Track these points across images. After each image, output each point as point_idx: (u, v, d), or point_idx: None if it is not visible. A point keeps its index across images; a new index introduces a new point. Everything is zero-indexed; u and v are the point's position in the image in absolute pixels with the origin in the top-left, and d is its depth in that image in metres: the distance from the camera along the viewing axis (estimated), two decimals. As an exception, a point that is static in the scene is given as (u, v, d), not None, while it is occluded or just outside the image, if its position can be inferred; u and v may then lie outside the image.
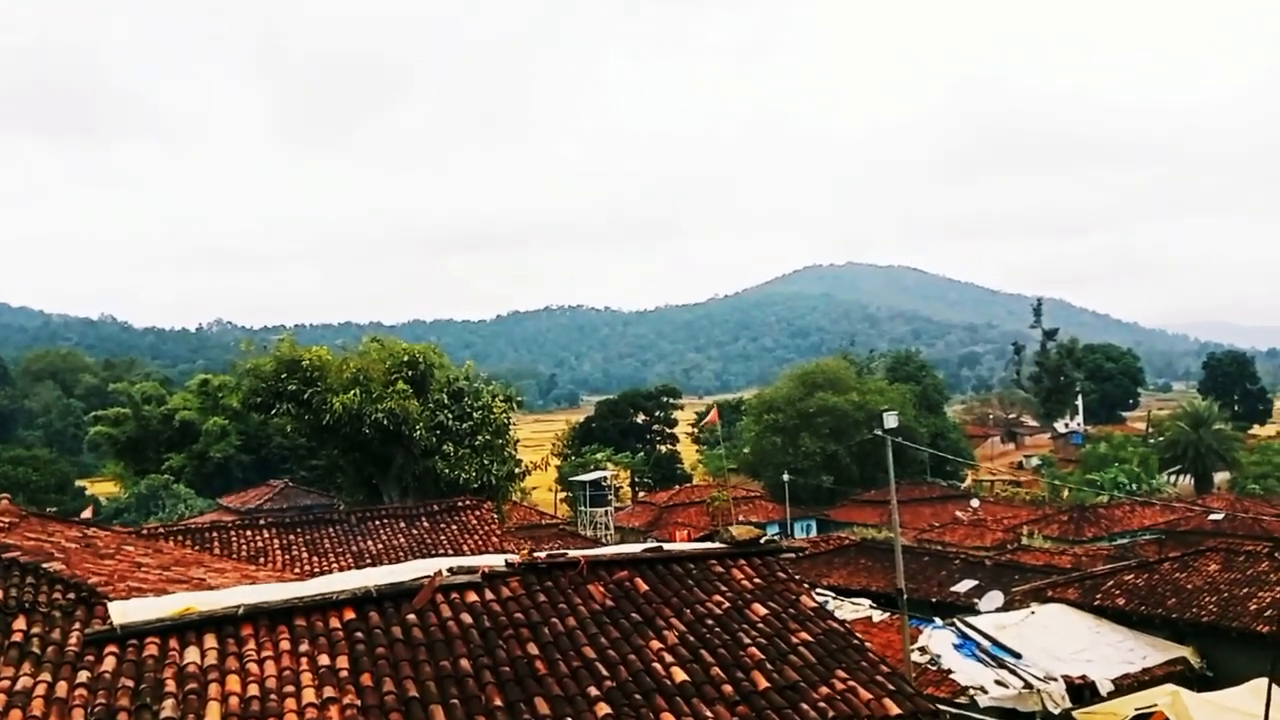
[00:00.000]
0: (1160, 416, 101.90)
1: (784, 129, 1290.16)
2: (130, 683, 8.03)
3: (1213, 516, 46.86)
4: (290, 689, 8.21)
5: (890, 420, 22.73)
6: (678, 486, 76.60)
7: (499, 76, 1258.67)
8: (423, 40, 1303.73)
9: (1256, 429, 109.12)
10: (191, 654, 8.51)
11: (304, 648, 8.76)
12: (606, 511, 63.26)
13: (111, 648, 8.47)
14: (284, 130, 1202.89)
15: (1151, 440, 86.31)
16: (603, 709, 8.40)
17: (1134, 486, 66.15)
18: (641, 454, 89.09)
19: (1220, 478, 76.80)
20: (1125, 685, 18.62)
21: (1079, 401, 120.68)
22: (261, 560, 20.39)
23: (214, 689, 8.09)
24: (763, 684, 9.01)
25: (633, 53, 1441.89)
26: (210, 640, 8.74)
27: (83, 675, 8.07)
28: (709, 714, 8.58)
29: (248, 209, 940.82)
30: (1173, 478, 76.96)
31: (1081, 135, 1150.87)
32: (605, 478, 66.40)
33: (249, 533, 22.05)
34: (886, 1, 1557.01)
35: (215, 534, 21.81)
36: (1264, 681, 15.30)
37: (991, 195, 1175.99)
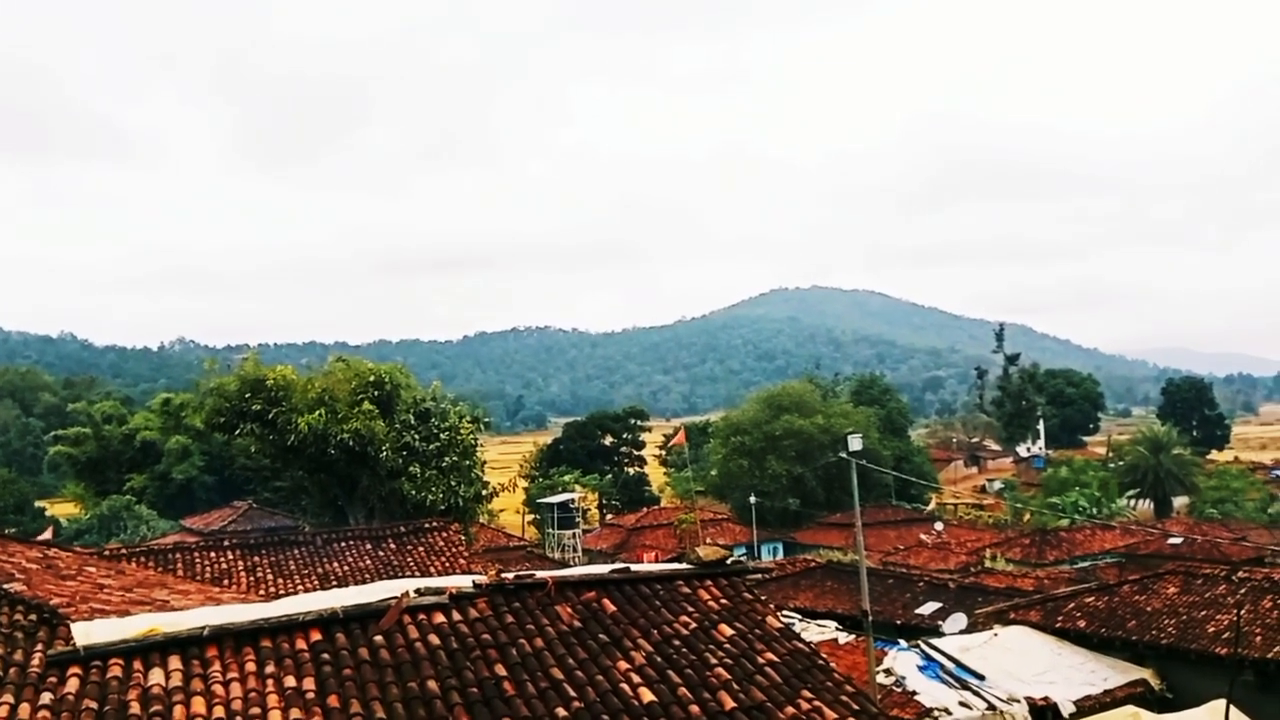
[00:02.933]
0: (1120, 441, 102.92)
1: (751, 156, 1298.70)
2: (94, 704, 7.94)
3: (1172, 540, 47.45)
4: (256, 711, 8.14)
5: (855, 443, 22.87)
6: (645, 509, 76.73)
7: (467, 100, 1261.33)
8: (390, 64, 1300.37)
9: (1215, 454, 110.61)
10: (156, 675, 8.42)
11: (270, 669, 8.70)
12: (574, 534, 63.11)
13: (75, 669, 8.36)
14: (249, 150, 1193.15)
15: (1112, 464, 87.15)
16: (571, 730, 8.41)
17: (1094, 510, 66.85)
18: (609, 476, 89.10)
19: (1179, 502, 77.71)
20: (1087, 707, 18.82)
21: (1040, 426, 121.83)
22: (226, 582, 20.20)
23: (179, 711, 8.01)
24: (729, 704, 9.07)
25: (600, 80, 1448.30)
26: (175, 662, 8.66)
27: (45, 697, 7.96)
28: (676, 734, 8.61)
29: (211, 228, 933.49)
30: (1132, 502, 77.72)
31: (1044, 166, 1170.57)
32: (573, 500, 66.27)
33: (213, 554, 21.83)
34: (853, 35, 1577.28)
35: (179, 555, 21.56)
36: (1222, 703, 15.57)
37: (955, 223, 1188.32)
